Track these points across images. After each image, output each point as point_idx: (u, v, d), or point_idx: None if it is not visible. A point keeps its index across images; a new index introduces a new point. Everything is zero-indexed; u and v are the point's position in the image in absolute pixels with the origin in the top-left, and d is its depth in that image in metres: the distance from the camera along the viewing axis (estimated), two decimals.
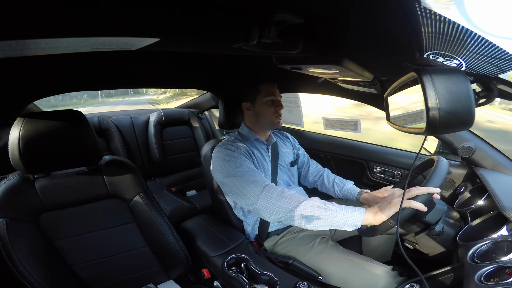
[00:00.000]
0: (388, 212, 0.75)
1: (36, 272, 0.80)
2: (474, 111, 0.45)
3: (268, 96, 1.11)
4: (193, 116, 2.22)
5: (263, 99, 1.11)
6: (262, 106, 1.12)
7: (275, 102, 1.13)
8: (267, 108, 1.12)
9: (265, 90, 1.12)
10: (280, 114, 1.14)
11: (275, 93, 1.13)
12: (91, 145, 0.85)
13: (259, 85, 1.13)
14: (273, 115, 1.12)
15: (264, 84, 1.14)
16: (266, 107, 1.12)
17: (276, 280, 0.85)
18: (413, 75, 0.49)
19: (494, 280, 0.53)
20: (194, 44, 0.54)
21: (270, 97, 1.11)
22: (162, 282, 1.05)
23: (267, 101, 1.12)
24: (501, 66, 0.49)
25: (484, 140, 1.06)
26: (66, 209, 0.89)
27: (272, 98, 1.12)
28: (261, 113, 1.13)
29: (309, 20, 0.51)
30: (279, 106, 1.13)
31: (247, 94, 1.16)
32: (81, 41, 0.39)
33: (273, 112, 1.12)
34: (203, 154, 1.28)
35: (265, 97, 1.11)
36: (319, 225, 0.81)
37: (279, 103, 1.14)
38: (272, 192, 0.88)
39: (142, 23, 0.39)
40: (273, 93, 1.13)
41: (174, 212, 1.58)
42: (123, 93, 22.49)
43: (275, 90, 1.14)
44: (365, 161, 1.55)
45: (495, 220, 0.71)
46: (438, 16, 0.35)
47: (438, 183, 0.73)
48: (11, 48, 0.36)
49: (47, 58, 0.81)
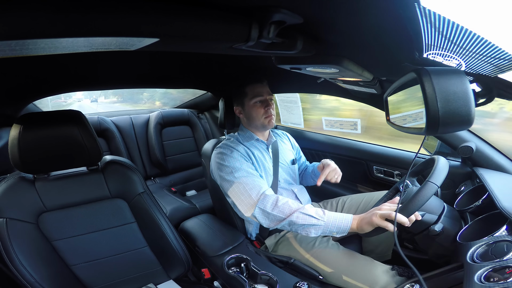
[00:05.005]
0: (367, 227, 0.80)
1: (36, 272, 0.80)
2: (473, 111, 0.45)
3: (255, 97, 1.09)
4: (193, 116, 2.22)
5: (251, 101, 1.09)
6: (251, 109, 1.10)
7: (264, 102, 1.10)
8: (256, 110, 1.09)
9: (252, 92, 1.09)
10: (270, 115, 1.10)
11: (262, 93, 1.10)
12: (91, 145, 0.85)
13: (245, 86, 1.11)
14: (263, 116, 1.10)
15: (250, 84, 1.10)
16: (255, 109, 1.09)
17: (276, 280, 0.85)
18: (412, 75, 0.49)
19: (494, 280, 0.53)
20: (193, 44, 0.54)
21: (257, 98, 1.09)
22: (162, 282, 1.05)
23: (255, 103, 1.09)
24: (501, 66, 0.49)
25: (484, 140, 1.06)
26: (66, 209, 0.89)
27: (260, 99, 1.09)
28: (251, 116, 1.11)
29: (309, 20, 0.51)
30: (268, 106, 1.10)
31: (235, 97, 1.14)
32: (81, 41, 0.39)
33: (263, 113, 1.09)
34: (203, 154, 1.28)
35: (252, 98, 1.09)
36: (310, 233, 0.86)
37: (267, 103, 1.10)
38: (267, 201, 0.92)
39: (142, 23, 0.39)
40: (261, 93, 1.09)
41: (174, 212, 1.58)
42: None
43: (262, 89, 1.11)
44: (365, 161, 1.55)
45: (495, 220, 0.71)
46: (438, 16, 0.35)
47: (441, 179, 0.73)
48: (11, 48, 0.36)
49: (47, 58, 0.81)
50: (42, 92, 1.23)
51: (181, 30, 0.43)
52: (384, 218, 0.75)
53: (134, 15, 0.37)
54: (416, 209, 0.71)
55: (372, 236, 0.80)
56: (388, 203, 0.82)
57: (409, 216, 0.72)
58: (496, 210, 0.72)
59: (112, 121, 1.93)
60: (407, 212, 0.72)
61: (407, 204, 0.72)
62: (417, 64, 0.62)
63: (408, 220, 0.72)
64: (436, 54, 0.52)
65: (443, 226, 0.79)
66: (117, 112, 2.21)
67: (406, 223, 0.72)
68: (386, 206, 0.79)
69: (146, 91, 4.83)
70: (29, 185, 0.84)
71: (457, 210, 0.88)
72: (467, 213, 0.85)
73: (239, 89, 1.13)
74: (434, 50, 0.50)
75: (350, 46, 0.64)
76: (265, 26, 0.49)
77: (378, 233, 0.79)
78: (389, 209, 0.77)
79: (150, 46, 0.47)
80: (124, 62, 1.08)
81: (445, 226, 0.79)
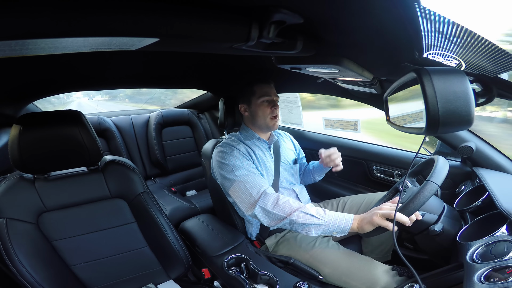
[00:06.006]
0: (368, 227, 0.79)
1: (36, 272, 0.80)
2: (473, 111, 0.45)
3: (263, 97, 1.10)
4: (193, 116, 2.22)
5: (258, 100, 1.10)
6: (258, 107, 1.11)
7: (271, 102, 1.11)
8: (262, 109, 1.11)
9: (260, 91, 1.11)
10: (276, 115, 1.12)
11: (270, 93, 1.11)
12: (91, 145, 0.84)
13: (253, 85, 1.12)
14: (268, 116, 1.11)
15: (258, 84, 1.12)
16: (262, 108, 1.11)
17: (276, 280, 0.85)
18: (412, 75, 0.49)
19: (494, 280, 0.53)
20: (193, 44, 0.53)
21: (265, 97, 1.10)
22: (162, 282, 1.05)
23: (262, 102, 1.10)
24: (500, 66, 0.49)
25: (484, 140, 1.06)
26: (66, 209, 0.89)
27: (267, 99, 1.10)
28: (257, 115, 1.12)
29: (309, 20, 0.51)
30: (275, 106, 1.11)
31: (242, 95, 1.15)
32: (80, 41, 0.39)
33: (269, 112, 1.11)
34: (203, 154, 1.28)
35: (260, 97, 1.10)
36: (311, 232, 0.86)
37: (274, 103, 1.12)
38: (268, 199, 0.92)
39: (142, 23, 0.39)
40: (268, 93, 1.11)
41: (174, 212, 1.58)
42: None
43: (270, 90, 1.12)
44: (365, 161, 1.55)
45: (495, 220, 0.71)
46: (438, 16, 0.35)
47: (441, 179, 0.73)
48: (11, 48, 0.36)
49: (47, 58, 0.80)
50: (42, 92, 1.23)
51: (181, 30, 0.43)
52: (385, 217, 0.75)
53: (134, 15, 0.37)
54: (416, 208, 0.71)
55: (373, 236, 0.80)
56: (388, 202, 0.82)
57: (410, 216, 0.72)
58: (496, 210, 0.72)
59: (112, 121, 1.93)
60: (408, 211, 0.72)
61: (408, 203, 0.72)
62: (417, 64, 0.62)
63: (409, 220, 0.72)
64: (436, 54, 0.52)
65: (443, 226, 0.79)
66: (117, 112, 2.21)
67: (407, 223, 0.72)
68: (386, 206, 0.79)
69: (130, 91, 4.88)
70: (29, 185, 0.84)
71: (457, 210, 0.88)
72: (467, 213, 0.85)
73: (247, 87, 1.13)
74: (434, 50, 0.50)
75: (350, 46, 0.64)
76: (265, 26, 0.49)
77: (378, 233, 0.78)
78: (390, 209, 0.77)
79: (150, 46, 0.47)
80: (124, 62, 1.08)
81: (445, 226, 0.79)
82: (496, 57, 0.45)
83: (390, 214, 0.74)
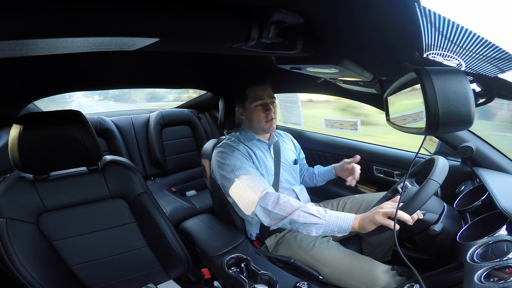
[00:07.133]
0: (369, 226, 0.78)
1: (36, 272, 0.80)
2: (473, 111, 0.45)
3: (255, 101, 1.07)
4: (193, 116, 2.22)
5: (251, 104, 1.08)
6: (251, 112, 1.09)
7: (264, 106, 1.08)
8: (256, 113, 1.08)
9: (253, 95, 1.08)
10: (271, 119, 1.09)
11: (263, 96, 1.08)
12: (91, 145, 0.84)
13: (246, 89, 1.09)
14: (263, 120, 1.08)
15: (251, 87, 1.09)
16: (256, 112, 1.08)
17: (276, 280, 0.85)
18: (412, 75, 0.49)
19: (494, 280, 0.53)
20: (193, 44, 0.54)
21: (258, 101, 1.07)
22: (162, 282, 1.05)
23: (256, 106, 1.08)
24: (500, 66, 0.49)
25: (484, 140, 1.06)
26: (66, 210, 0.89)
27: (260, 103, 1.07)
28: (252, 119, 1.10)
29: (309, 20, 0.51)
30: (269, 110, 1.08)
31: (238, 99, 1.14)
32: (80, 41, 0.39)
33: (263, 117, 1.08)
34: (203, 154, 1.28)
35: (253, 102, 1.08)
36: (311, 231, 0.85)
37: (268, 107, 1.08)
38: (268, 199, 0.91)
39: (142, 23, 0.39)
40: (261, 97, 1.08)
41: (174, 212, 1.58)
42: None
43: (263, 92, 1.09)
44: (365, 161, 1.55)
45: (495, 220, 0.71)
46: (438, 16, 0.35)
47: (442, 177, 0.73)
48: (11, 48, 0.36)
49: (47, 58, 0.80)
50: (42, 92, 1.23)
51: (181, 30, 0.43)
52: (387, 216, 0.75)
53: (134, 15, 0.37)
54: (418, 206, 0.71)
55: (373, 235, 0.80)
56: (390, 201, 0.82)
57: (412, 214, 0.72)
58: (496, 210, 0.72)
59: (112, 121, 1.93)
60: (409, 209, 0.72)
61: (410, 202, 0.72)
62: (417, 64, 0.62)
63: (411, 218, 0.72)
64: (436, 54, 0.52)
65: (443, 226, 0.79)
66: (117, 112, 2.21)
67: (409, 221, 0.72)
68: (388, 205, 0.79)
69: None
70: (29, 185, 0.84)
71: (457, 210, 0.88)
72: (467, 213, 0.85)
73: (240, 91, 1.12)
74: (434, 50, 0.50)
75: (350, 46, 0.64)
76: (265, 26, 0.49)
77: (378, 233, 0.78)
78: (391, 207, 0.76)
79: (150, 46, 0.47)
80: (124, 62, 1.08)
81: (445, 226, 0.79)
82: (496, 57, 0.45)
83: (392, 213, 0.73)
